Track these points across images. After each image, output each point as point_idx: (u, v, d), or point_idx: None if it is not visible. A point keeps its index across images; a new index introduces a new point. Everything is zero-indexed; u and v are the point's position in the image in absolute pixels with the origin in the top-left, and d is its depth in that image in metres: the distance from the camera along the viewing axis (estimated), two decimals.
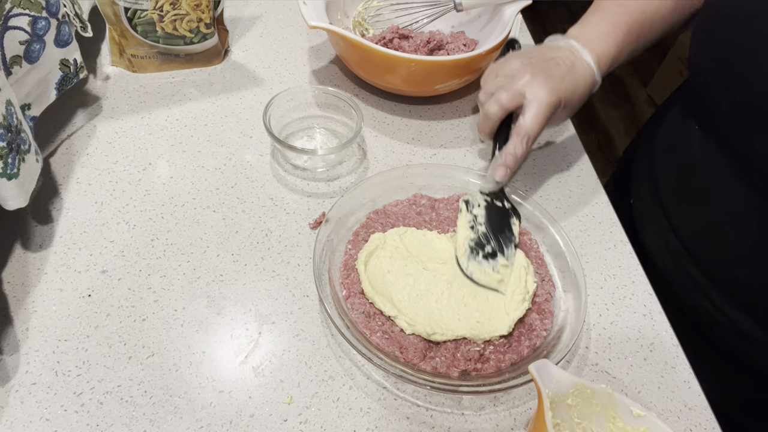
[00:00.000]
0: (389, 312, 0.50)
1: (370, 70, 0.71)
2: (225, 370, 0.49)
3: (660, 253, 0.64)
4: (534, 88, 0.54)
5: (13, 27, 0.53)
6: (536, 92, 0.54)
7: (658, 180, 0.65)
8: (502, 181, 0.56)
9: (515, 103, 0.55)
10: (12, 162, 0.48)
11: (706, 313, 0.59)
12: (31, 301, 0.51)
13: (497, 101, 0.55)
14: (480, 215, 0.56)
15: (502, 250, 0.54)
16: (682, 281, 0.61)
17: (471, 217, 0.56)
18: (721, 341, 0.60)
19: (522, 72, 0.56)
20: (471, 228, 0.55)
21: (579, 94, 0.57)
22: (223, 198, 0.61)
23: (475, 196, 0.57)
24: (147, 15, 0.67)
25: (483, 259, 0.53)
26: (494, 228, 0.55)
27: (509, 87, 0.55)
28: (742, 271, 0.55)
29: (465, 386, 0.46)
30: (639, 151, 0.74)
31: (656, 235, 0.65)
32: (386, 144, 0.70)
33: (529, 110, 0.54)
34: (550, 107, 0.54)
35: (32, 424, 0.44)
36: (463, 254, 0.54)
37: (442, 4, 0.76)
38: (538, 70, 0.55)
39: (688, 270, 0.60)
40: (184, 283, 0.54)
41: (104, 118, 0.67)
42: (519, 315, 0.50)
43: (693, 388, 0.51)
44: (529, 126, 0.54)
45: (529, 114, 0.54)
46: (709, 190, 0.57)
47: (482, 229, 0.55)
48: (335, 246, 0.55)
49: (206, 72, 0.75)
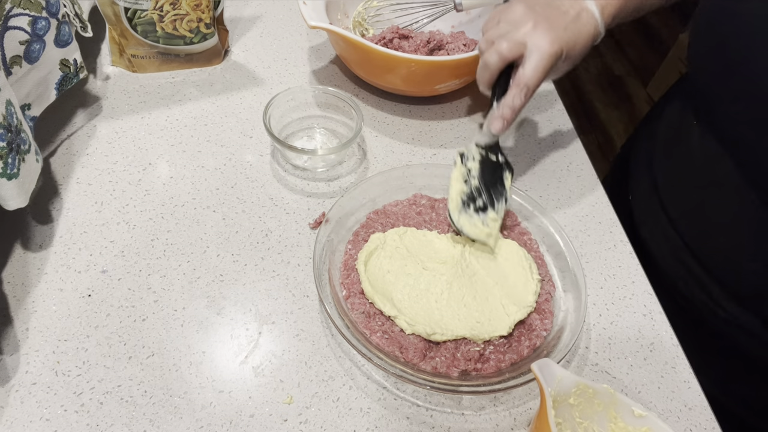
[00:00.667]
0: (389, 312, 0.50)
1: (370, 70, 0.71)
2: (225, 370, 0.49)
3: (659, 249, 0.64)
4: (536, 38, 0.53)
5: (13, 27, 0.53)
6: (538, 42, 0.53)
7: (656, 175, 0.65)
8: (498, 133, 0.55)
9: (516, 53, 0.54)
10: (12, 162, 0.48)
11: (706, 307, 0.59)
12: (31, 301, 0.51)
13: (497, 51, 0.54)
14: (474, 168, 0.56)
15: (492, 204, 0.55)
16: (682, 276, 0.61)
17: (465, 170, 0.56)
18: (722, 336, 0.60)
19: (525, 19, 0.54)
20: (465, 182, 0.55)
21: (581, 45, 0.56)
22: (223, 198, 0.61)
23: (470, 149, 0.57)
24: (147, 15, 0.67)
25: (474, 212, 0.54)
26: (486, 182, 0.55)
27: (510, 36, 0.54)
28: (741, 265, 0.55)
29: (465, 386, 0.46)
30: (637, 147, 0.74)
31: (655, 231, 0.65)
32: (386, 144, 0.70)
33: (529, 61, 0.53)
34: (551, 58, 0.53)
35: (32, 424, 0.44)
36: (454, 208, 0.54)
37: (442, 4, 0.76)
38: (541, 18, 0.54)
39: (688, 265, 0.60)
40: (184, 283, 0.54)
41: (104, 118, 0.67)
42: (520, 317, 0.50)
43: (693, 388, 0.51)
44: (528, 77, 0.53)
45: (529, 65, 0.53)
46: (708, 184, 0.57)
47: (475, 183, 0.55)
48: (335, 246, 0.55)
49: (206, 72, 0.75)
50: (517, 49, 0.53)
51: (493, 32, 0.56)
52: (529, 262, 0.55)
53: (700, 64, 0.56)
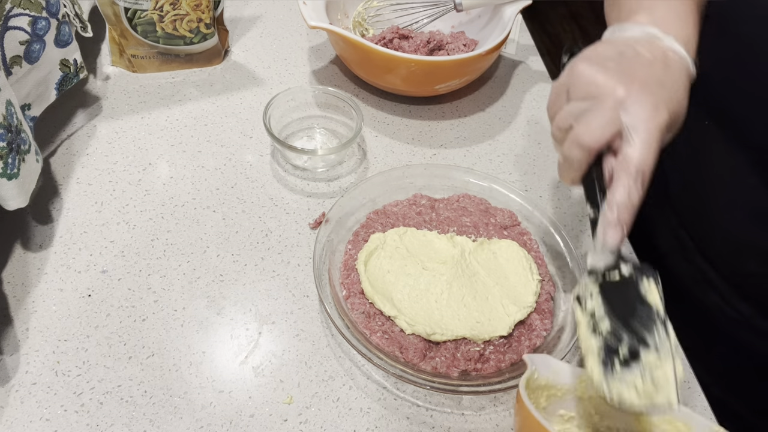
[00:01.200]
0: (389, 312, 0.50)
1: (370, 70, 0.71)
2: (225, 370, 0.49)
3: (669, 249, 0.63)
4: (633, 107, 0.40)
5: (13, 27, 0.53)
6: (638, 112, 0.40)
7: (667, 176, 0.64)
8: (618, 245, 0.40)
9: (608, 138, 0.40)
10: (12, 162, 0.48)
11: (717, 308, 0.59)
12: (31, 301, 0.51)
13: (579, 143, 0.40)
14: (597, 307, 0.40)
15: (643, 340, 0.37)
16: (693, 277, 0.60)
17: (588, 317, 0.40)
18: (732, 337, 0.59)
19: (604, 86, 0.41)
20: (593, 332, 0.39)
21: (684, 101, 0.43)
22: (223, 198, 0.61)
23: (585, 285, 0.41)
24: (147, 15, 0.67)
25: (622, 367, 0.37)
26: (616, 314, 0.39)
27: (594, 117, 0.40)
28: (754, 266, 0.54)
29: (465, 386, 0.46)
30: None
31: (665, 231, 0.64)
32: (386, 144, 0.70)
33: (635, 140, 0.39)
34: (660, 130, 0.40)
35: (32, 424, 0.44)
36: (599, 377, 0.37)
37: (442, 4, 0.76)
38: (625, 78, 0.41)
39: (699, 266, 0.59)
40: (184, 283, 0.54)
41: (104, 118, 0.67)
42: (520, 317, 0.50)
43: (693, 388, 0.51)
44: (640, 159, 0.39)
45: (638, 143, 0.39)
46: (720, 185, 0.56)
47: (606, 327, 0.38)
48: (335, 246, 0.55)
49: (206, 72, 0.75)
50: (609, 132, 0.40)
51: (565, 114, 0.42)
52: (529, 262, 0.55)
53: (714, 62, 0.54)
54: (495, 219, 0.60)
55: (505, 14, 0.72)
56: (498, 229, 0.59)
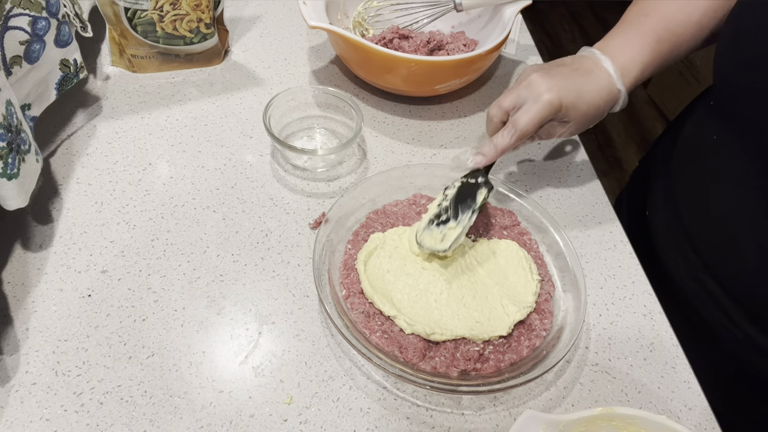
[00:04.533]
0: (389, 312, 0.50)
1: (370, 70, 0.71)
2: (225, 370, 0.49)
3: (677, 267, 0.63)
4: (533, 86, 0.55)
5: (13, 27, 0.53)
6: (534, 89, 0.54)
7: (675, 191, 0.64)
8: (473, 166, 0.57)
9: (513, 103, 0.56)
10: (12, 162, 0.48)
11: (723, 328, 0.58)
12: (31, 301, 0.51)
13: (497, 103, 0.57)
14: (450, 194, 0.56)
15: (456, 216, 0.54)
16: (699, 296, 0.60)
17: (442, 197, 0.56)
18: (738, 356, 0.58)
19: (527, 73, 0.56)
20: (438, 206, 0.55)
21: (588, 101, 0.55)
22: (223, 198, 0.61)
23: (454, 180, 0.58)
24: (147, 15, 0.67)
25: (435, 226, 0.54)
26: (457, 201, 0.55)
27: (511, 90, 0.56)
28: (763, 287, 0.54)
29: (464, 386, 0.46)
30: (655, 162, 0.72)
31: (673, 249, 0.64)
32: (386, 144, 0.70)
33: (524, 106, 0.55)
34: (546, 104, 0.54)
35: (32, 424, 0.44)
36: (421, 228, 0.54)
37: (442, 4, 0.76)
38: (543, 71, 0.56)
39: (706, 285, 0.59)
40: (184, 283, 0.54)
41: (104, 118, 0.67)
42: (520, 317, 0.50)
43: (693, 388, 0.51)
44: (519, 120, 0.54)
45: (522, 109, 0.55)
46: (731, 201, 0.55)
47: (445, 203, 0.55)
48: (335, 246, 0.55)
49: (206, 72, 0.75)
50: (515, 100, 0.56)
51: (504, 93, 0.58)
52: (529, 262, 0.55)
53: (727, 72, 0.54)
54: (495, 219, 0.60)
55: (505, 14, 0.72)
56: (498, 229, 0.59)
